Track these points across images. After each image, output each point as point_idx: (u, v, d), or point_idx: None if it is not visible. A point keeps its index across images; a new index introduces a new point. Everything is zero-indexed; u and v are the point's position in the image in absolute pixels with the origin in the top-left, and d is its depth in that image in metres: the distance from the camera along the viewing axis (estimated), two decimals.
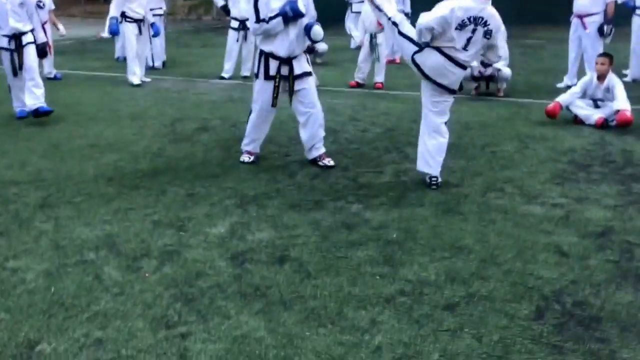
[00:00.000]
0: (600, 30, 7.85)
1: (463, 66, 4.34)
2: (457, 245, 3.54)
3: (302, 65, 4.96)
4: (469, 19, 4.11)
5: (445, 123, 4.51)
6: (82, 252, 3.44)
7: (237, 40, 9.65)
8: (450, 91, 4.41)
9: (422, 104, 4.58)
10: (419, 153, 4.58)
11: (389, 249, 3.48)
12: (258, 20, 4.77)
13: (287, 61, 4.87)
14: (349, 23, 12.81)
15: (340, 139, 5.93)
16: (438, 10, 4.13)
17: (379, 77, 8.69)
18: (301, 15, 4.73)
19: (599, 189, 4.51)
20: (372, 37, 8.45)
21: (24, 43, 6.40)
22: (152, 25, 9.19)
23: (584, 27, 8.00)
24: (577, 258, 3.39)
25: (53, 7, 9.73)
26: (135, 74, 8.99)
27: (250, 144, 5.17)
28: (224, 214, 4.00)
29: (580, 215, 4.01)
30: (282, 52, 4.82)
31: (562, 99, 6.38)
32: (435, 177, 4.50)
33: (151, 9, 10.91)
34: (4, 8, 6.27)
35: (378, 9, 4.53)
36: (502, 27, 4.28)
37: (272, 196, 4.35)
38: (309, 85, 5.01)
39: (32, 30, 6.50)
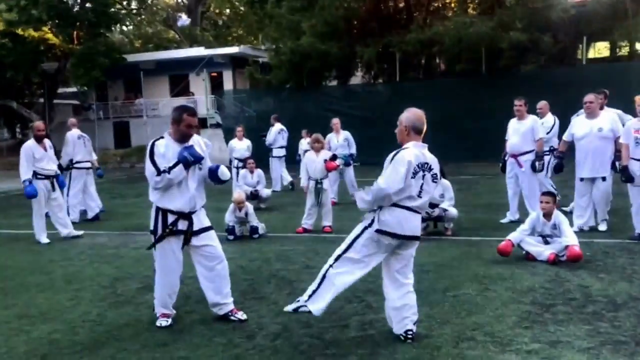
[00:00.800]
0: (532, 167, 8.24)
1: (419, 213, 4.27)
2: None
3: (202, 220, 4.78)
4: (418, 165, 4.13)
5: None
6: None
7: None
8: (417, 238, 4.28)
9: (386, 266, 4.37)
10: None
11: None
12: (159, 173, 4.54)
13: (187, 216, 4.67)
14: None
15: (296, 291, 5.62)
16: (397, 169, 4.06)
17: (327, 221, 8.63)
18: (200, 158, 4.64)
19: (567, 331, 4.38)
20: (317, 182, 8.50)
21: None
22: (57, 177, 8.93)
23: (519, 166, 8.38)
24: None
25: None
26: (43, 232, 8.74)
27: (165, 305, 4.82)
28: None
29: None
30: (183, 206, 4.63)
31: (512, 236, 6.46)
32: (411, 329, 4.25)
33: (77, 162, 10.86)
34: None
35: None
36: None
37: None
38: (213, 241, 4.80)
39: None
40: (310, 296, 4.22)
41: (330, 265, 4.21)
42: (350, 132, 11.91)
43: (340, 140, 11.63)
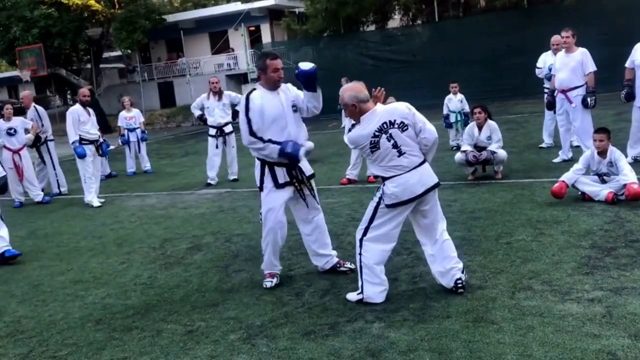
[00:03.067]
0: (584, 102, 7.78)
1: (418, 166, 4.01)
2: None
3: (306, 165, 4.64)
4: (374, 135, 3.90)
5: None
6: None
7: (217, 147, 9.59)
8: (432, 189, 4.06)
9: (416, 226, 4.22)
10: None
11: None
12: (251, 132, 4.36)
13: (292, 165, 4.49)
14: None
15: (343, 244, 5.55)
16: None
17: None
18: (297, 161, 4.44)
19: (632, 276, 4.13)
20: None
21: None
22: (101, 144, 9.07)
23: (570, 102, 7.93)
24: None
25: (29, 124, 9.54)
26: (94, 195, 8.91)
27: (271, 265, 4.70)
28: (229, 354, 3.53)
29: (623, 310, 3.60)
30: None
31: (566, 177, 6.14)
32: (460, 278, 4.11)
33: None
34: None
35: None
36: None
37: (281, 323, 3.90)
38: (313, 188, 4.69)
39: None
40: (361, 289, 4.10)
41: (359, 254, 4.09)
42: (391, 77, 11.52)
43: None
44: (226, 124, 9.63)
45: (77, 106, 8.81)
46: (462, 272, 4.15)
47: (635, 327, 3.39)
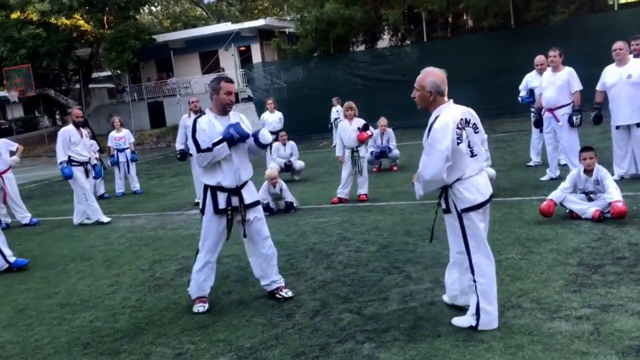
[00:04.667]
0: (570, 121, 7.89)
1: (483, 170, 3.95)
2: None
3: (252, 193, 4.68)
4: (458, 127, 3.74)
5: None
6: None
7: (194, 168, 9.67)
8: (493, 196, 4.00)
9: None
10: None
11: None
12: (199, 150, 4.43)
13: (236, 191, 4.56)
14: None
15: (334, 264, 5.55)
16: (436, 150, 3.65)
17: (363, 190, 8.52)
18: (247, 136, 4.47)
19: (619, 293, 4.16)
20: (353, 151, 8.36)
21: None
22: (94, 167, 9.18)
23: (557, 120, 8.03)
24: None
25: (13, 146, 9.53)
26: (99, 212, 8.95)
27: (200, 289, 4.70)
28: None
29: (610, 327, 3.63)
30: (229, 182, 4.51)
31: (554, 195, 6.20)
32: None
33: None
34: None
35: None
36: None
37: (272, 345, 3.88)
38: (261, 214, 4.74)
39: None
40: (477, 316, 3.82)
41: (474, 280, 3.86)
42: (381, 96, 11.87)
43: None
44: None
45: (70, 126, 8.81)
46: None
47: (622, 344, 3.41)
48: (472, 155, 3.80)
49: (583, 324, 3.72)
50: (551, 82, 8.05)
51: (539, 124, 8.49)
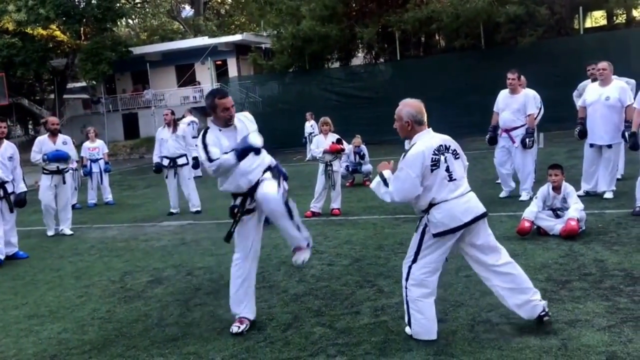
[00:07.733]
0: (523, 143, 8.10)
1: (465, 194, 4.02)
2: None
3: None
4: (434, 153, 3.86)
5: None
6: None
7: (167, 177, 9.83)
8: (480, 217, 4.10)
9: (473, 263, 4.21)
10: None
11: None
12: (210, 159, 4.25)
13: (251, 193, 4.42)
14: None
15: (306, 277, 5.56)
16: (407, 175, 3.80)
17: (336, 204, 8.57)
18: (258, 147, 4.31)
19: (585, 308, 4.25)
20: (327, 165, 8.44)
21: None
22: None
23: (512, 141, 8.24)
24: None
25: None
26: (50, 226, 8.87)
27: (245, 307, 4.40)
28: None
29: (577, 342, 3.70)
30: (244, 186, 4.41)
31: (528, 215, 6.30)
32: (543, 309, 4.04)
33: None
34: None
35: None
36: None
37: (243, 358, 3.86)
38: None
39: (12, 181, 7.27)
40: (409, 324, 3.96)
41: (406, 287, 3.95)
42: (355, 113, 12.01)
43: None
44: (180, 156, 9.71)
45: (44, 136, 8.75)
46: (541, 301, 4.04)
47: (588, 359, 3.48)
48: (451, 179, 3.90)
49: (551, 339, 3.79)
50: (507, 104, 8.26)
51: (493, 141, 8.62)
